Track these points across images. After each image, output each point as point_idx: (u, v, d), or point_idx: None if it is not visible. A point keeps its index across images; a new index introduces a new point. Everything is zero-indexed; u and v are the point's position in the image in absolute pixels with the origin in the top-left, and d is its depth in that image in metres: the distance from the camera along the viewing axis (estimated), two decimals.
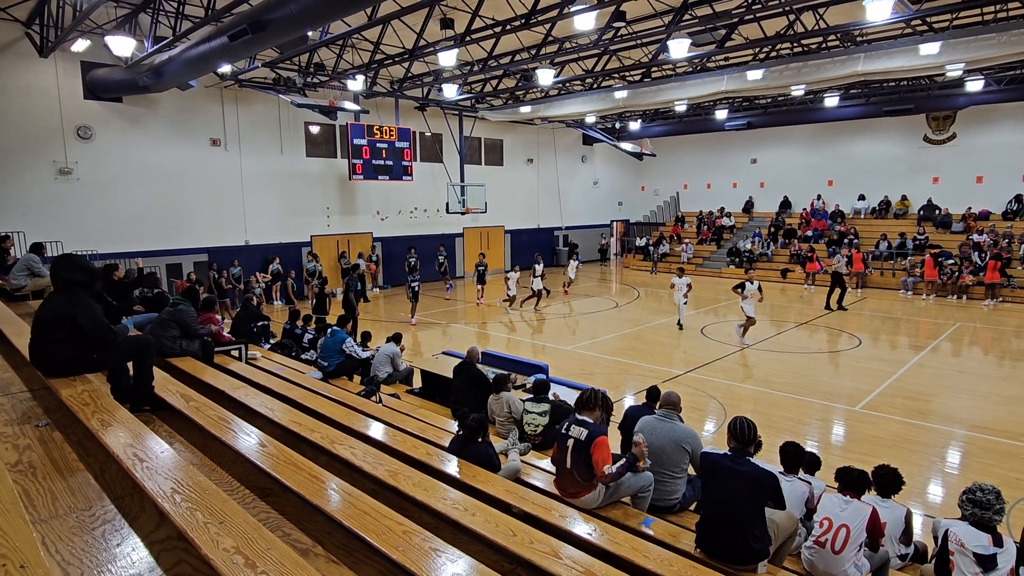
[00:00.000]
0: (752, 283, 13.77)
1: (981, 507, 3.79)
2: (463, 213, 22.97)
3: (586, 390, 4.60)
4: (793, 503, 4.48)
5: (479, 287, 19.28)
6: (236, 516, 2.54)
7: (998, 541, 3.70)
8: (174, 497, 2.66)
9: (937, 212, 23.06)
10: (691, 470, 4.73)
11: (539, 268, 18.28)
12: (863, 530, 4.03)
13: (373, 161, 19.79)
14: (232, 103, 18.36)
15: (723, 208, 28.79)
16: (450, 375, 7.64)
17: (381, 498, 3.31)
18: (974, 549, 3.68)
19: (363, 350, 9.03)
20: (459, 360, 7.85)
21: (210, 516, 2.51)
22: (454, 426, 5.90)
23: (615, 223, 33.00)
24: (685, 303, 15.23)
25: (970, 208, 22.33)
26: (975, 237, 20.87)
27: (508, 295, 17.79)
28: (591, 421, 4.43)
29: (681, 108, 21.24)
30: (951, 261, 20.07)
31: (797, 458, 4.87)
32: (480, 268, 19.37)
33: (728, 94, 17.78)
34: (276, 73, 17.24)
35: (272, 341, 10.50)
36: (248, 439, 3.84)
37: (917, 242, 21.86)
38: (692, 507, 4.76)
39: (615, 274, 27.00)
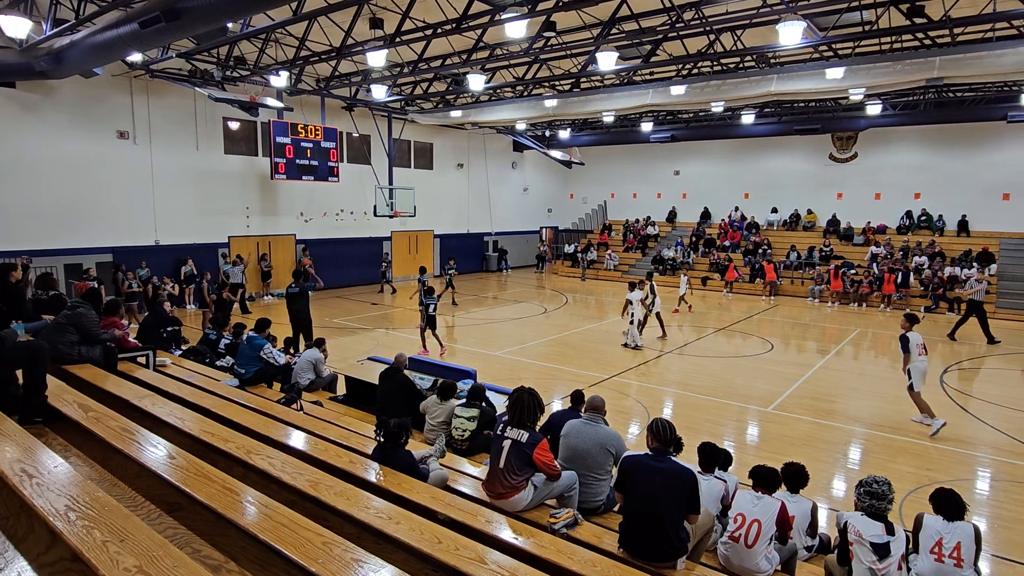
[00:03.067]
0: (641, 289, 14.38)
1: (876, 497, 4.09)
2: (391, 216, 22.71)
3: (518, 394, 4.61)
4: (710, 500, 4.68)
5: (423, 308, 14.42)
6: (139, 533, 2.39)
7: (890, 529, 4.00)
8: (68, 515, 2.47)
9: (840, 226, 24.77)
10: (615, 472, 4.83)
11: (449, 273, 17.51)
12: (773, 524, 4.26)
13: (297, 160, 19.24)
14: (142, 94, 17.37)
15: (648, 217, 29.78)
16: (376, 381, 7.51)
17: (301, 509, 3.21)
18: (870, 539, 3.96)
19: (282, 355, 8.72)
20: (386, 366, 7.72)
21: (110, 534, 2.35)
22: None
23: (544, 229, 33.46)
24: (639, 322, 13.86)
25: (869, 222, 24.13)
26: (873, 249, 22.57)
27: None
28: (531, 425, 4.51)
29: (609, 119, 21.83)
30: (853, 271, 21.59)
31: (713, 457, 5.08)
32: (424, 284, 14.60)
33: (653, 107, 18.44)
34: (192, 64, 16.44)
35: (184, 347, 9.97)
36: (154, 451, 3.64)
37: (823, 253, 23.41)
38: (616, 508, 4.87)
39: (545, 280, 27.36)
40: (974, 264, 20.47)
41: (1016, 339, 15.78)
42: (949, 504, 4.23)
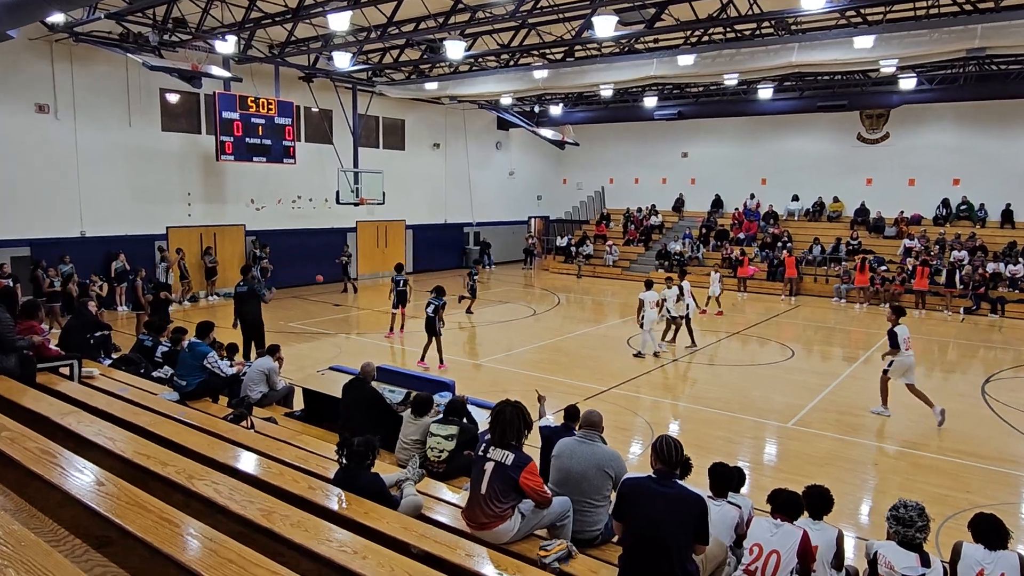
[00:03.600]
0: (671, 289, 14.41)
1: (904, 524, 4.15)
2: (356, 204, 22.65)
3: (500, 408, 4.62)
4: (722, 529, 4.71)
5: (397, 311, 15.75)
6: (62, 572, 2.37)
7: (925, 561, 4.06)
8: None
9: (870, 216, 25.06)
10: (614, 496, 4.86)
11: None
12: (794, 555, 4.30)
13: (247, 139, 19.13)
14: (65, 61, 17.16)
15: (652, 206, 29.95)
16: (339, 394, 7.50)
17: (251, 543, 3.20)
18: (903, 571, 4.01)
19: (230, 364, 8.68)
20: (351, 377, 7.71)
21: (27, 574, 2.32)
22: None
23: (533, 219, 33.52)
24: (650, 329, 13.65)
25: (902, 212, 24.44)
26: (907, 242, 22.86)
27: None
28: (516, 445, 4.50)
29: (607, 93, 21.93)
30: (883, 267, 21.86)
31: (726, 479, 5.12)
32: (400, 284, 15.72)
33: (657, 80, 18.54)
34: (124, 27, 16.25)
35: (115, 355, 9.88)
36: (80, 477, 3.62)
37: (851, 247, 23.68)
38: (615, 539, 4.89)
39: (534, 278, 27.42)
40: (1020, 259, 20.80)
41: None
42: (991, 531, 4.29)
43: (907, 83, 20.46)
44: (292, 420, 8.32)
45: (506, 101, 25.51)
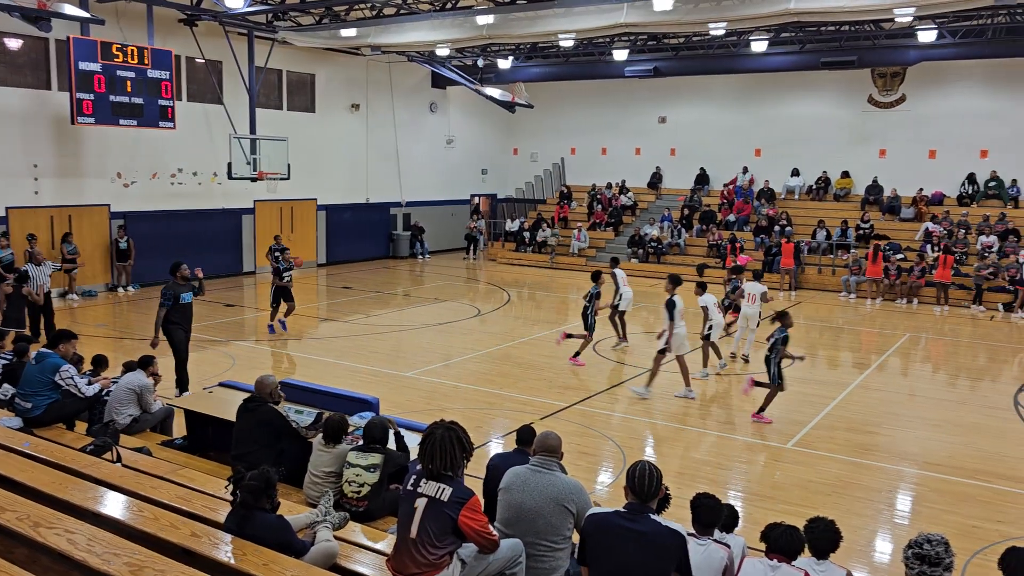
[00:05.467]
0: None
1: (930, 563, 4.28)
2: (254, 179, 22.34)
3: (431, 431, 4.58)
4: (708, 573, 4.78)
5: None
6: None
7: None
8: None
9: (883, 195, 25.83)
10: (576, 537, 4.89)
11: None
12: None
13: (112, 97, 18.71)
14: None
15: (623, 182, 30.29)
16: (231, 417, 7.37)
17: None
18: None
19: (90, 383, 8.50)
20: (246, 395, 7.58)
21: None
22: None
23: (478, 198, 33.53)
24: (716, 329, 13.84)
25: (921, 190, 25.30)
26: (928, 225, 23.63)
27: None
28: (453, 476, 4.47)
29: (568, 44, 22.04)
30: (900, 256, 22.57)
31: (713, 514, 5.19)
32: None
33: (629, 28, 18.71)
34: None
35: None
36: None
37: (861, 231, 24.38)
38: None
39: (479, 270, 27.42)
40: None
41: None
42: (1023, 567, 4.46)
43: (926, 36, 21.14)
44: (171, 450, 8.20)
45: (442, 53, 25.42)
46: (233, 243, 23.90)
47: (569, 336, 14.47)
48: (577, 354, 14.32)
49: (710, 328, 13.71)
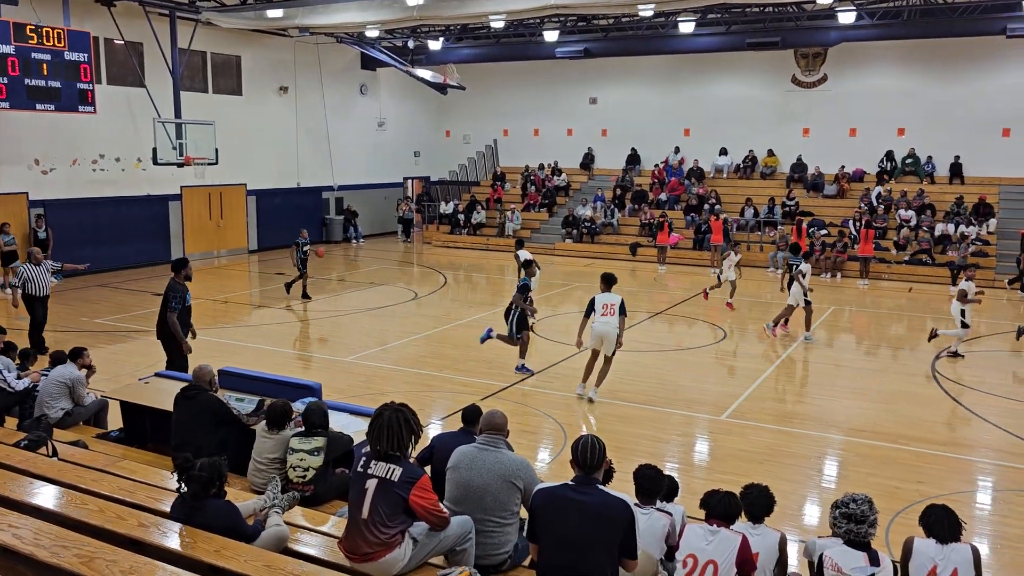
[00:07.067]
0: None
1: (855, 520, 4.51)
2: (180, 165, 21.80)
3: (379, 412, 4.63)
4: (652, 541, 4.95)
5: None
6: None
7: (874, 559, 4.43)
8: None
9: (807, 172, 26.58)
10: (524, 512, 4.99)
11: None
12: (733, 564, 4.59)
13: (27, 80, 17.99)
14: None
15: (555, 163, 30.46)
16: (169, 407, 7.27)
17: None
18: (851, 572, 4.37)
19: (19, 377, 8.35)
20: (183, 384, 7.48)
21: None
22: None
23: (411, 181, 33.30)
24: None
25: (843, 167, 26.11)
26: (862, 204, 24.39)
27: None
28: (402, 456, 4.53)
29: (498, 24, 22.00)
30: (824, 232, 23.29)
31: (654, 484, 5.36)
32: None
33: (559, 9, 18.79)
34: None
35: None
36: None
37: (787, 208, 25.08)
38: (526, 562, 5.04)
39: (413, 253, 27.30)
40: (971, 220, 22.69)
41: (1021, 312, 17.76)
42: (943, 524, 4.74)
43: (846, 17, 21.75)
44: (108, 443, 8.06)
45: (372, 34, 25.15)
46: (160, 231, 23.37)
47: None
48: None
49: None
